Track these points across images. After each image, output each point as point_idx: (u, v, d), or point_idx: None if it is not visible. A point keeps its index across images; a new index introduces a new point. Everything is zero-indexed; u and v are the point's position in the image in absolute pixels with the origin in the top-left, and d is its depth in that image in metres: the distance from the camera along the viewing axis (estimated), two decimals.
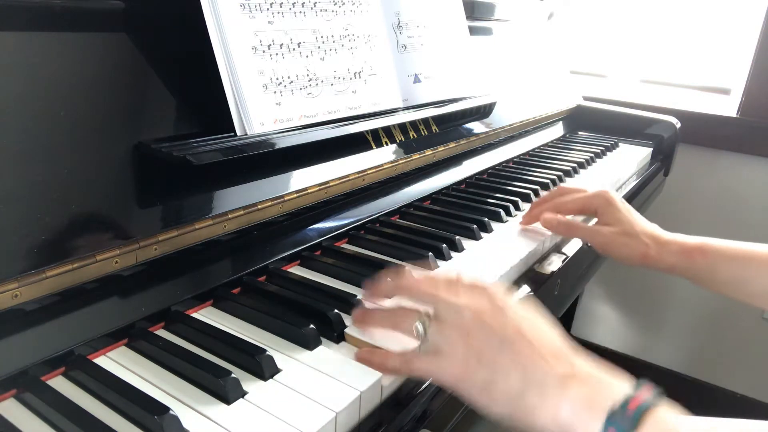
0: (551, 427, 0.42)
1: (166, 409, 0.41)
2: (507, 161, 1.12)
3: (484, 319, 0.45)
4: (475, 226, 0.77)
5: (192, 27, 0.59)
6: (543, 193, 0.96)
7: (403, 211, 0.83)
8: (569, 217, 0.80)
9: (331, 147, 0.71)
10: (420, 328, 0.47)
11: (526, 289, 0.69)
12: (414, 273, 0.52)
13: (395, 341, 0.50)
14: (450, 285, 0.49)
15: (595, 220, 0.78)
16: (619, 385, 0.42)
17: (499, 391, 0.43)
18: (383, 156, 0.81)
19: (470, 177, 1.00)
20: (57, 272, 0.46)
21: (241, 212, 0.61)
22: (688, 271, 0.70)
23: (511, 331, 0.45)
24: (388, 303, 0.53)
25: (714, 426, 0.39)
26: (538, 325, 0.46)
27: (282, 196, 0.65)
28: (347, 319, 0.55)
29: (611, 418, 0.39)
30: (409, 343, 0.50)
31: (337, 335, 0.53)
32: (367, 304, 0.54)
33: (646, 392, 0.41)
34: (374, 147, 0.80)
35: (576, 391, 0.41)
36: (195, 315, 0.56)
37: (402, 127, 0.85)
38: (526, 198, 0.92)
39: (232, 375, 0.45)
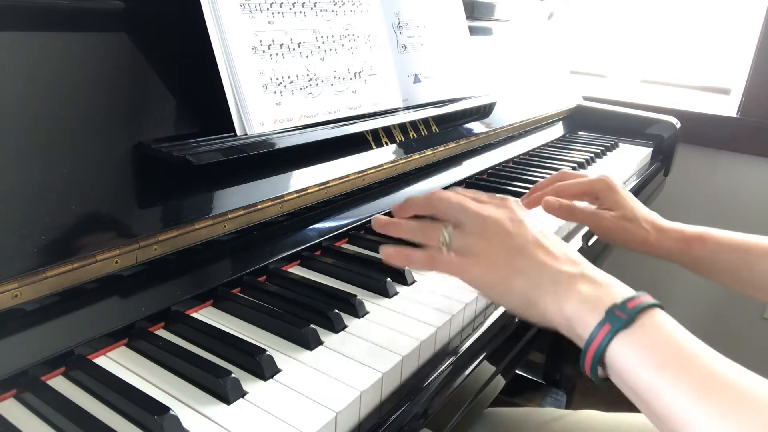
0: (558, 320, 0.46)
1: (166, 409, 0.41)
2: (507, 161, 1.12)
3: (506, 227, 0.50)
4: None
5: (192, 27, 0.59)
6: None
7: None
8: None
9: (331, 147, 0.71)
10: (447, 235, 0.51)
11: None
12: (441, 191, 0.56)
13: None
14: (476, 197, 0.54)
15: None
16: (623, 289, 0.45)
17: (516, 285, 0.48)
18: (383, 156, 0.81)
19: (470, 177, 1.00)
20: (57, 272, 0.46)
21: (241, 212, 0.61)
22: (686, 259, 0.70)
23: (530, 239, 0.50)
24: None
25: (702, 349, 0.41)
26: (551, 235, 0.51)
27: (282, 196, 0.65)
28: (347, 319, 0.55)
29: (609, 314, 0.42)
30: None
31: (338, 334, 0.53)
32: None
33: (648, 297, 0.43)
34: (374, 147, 0.80)
35: (583, 288, 0.45)
36: (195, 315, 0.56)
37: (402, 127, 0.85)
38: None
39: (232, 375, 0.45)
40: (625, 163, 1.21)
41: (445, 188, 0.92)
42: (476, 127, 1.03)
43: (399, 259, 0.54)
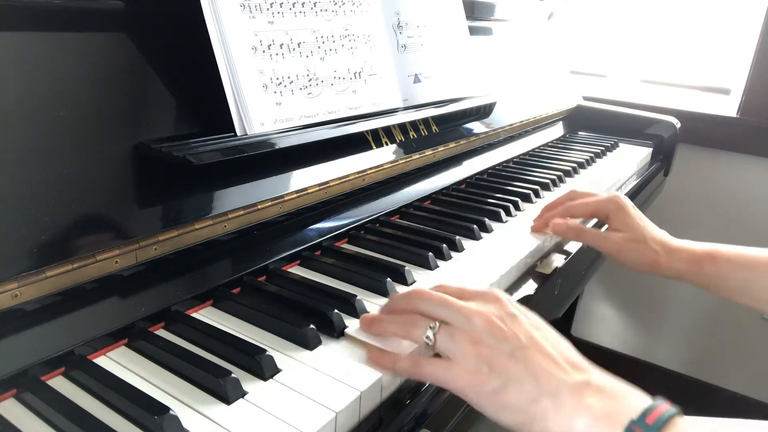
0: None
1: (166, 409, 0.41)
2: (507, 161, 1.12)
3: (496, 325, 0.45)
4: (475, 226, 0.77)
5: (192, 27, 0.59)
6: (543, 193, 0.96)
7: (403, 211, 0.83)
8: (579, 221, 0.79)
9: (331, 147, 0.71)
10: (431, 335, 0.46)
11: (526, 288, 0.69)
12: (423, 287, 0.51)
13: (395, 344, 0.50)
14: (460, 293, 0.49)
15: (605, 226, 0.78)
16: (637, 397, 0.41)
17: (511, 398, 0.42)
18: (383, 156, 0.81)
19: (470, 177, 1.00)
20: (57, 272, 0.46)
21: (241, 212, 0.61)
22: (697, 279, 0.69)
23: (523, 339, 0.44)
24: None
25: (729, 426, 0.38)
26: (549, 333, 0.46)
27: (282, 196, 0.65)
28: (347, 319, 0.55)
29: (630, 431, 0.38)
30: (409, 346, 0.50)
31: (338, 335, 0.53)
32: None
33: (665, 405, 0.40)
34: (374, 147, 0.80)
35: (592, 401, 0.40)
36: (195, 315, 0.56)
37: (402, 127, 0.85)
38: (526, 198, 0.92)
39: (232, 375, 0.45)
40: (625, 163, 1.21)
41: (445, 188, 0.93)
42: (476, 127, 1.03)
43: (384, 363, 0.48)
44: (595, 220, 0.87)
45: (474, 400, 0.44)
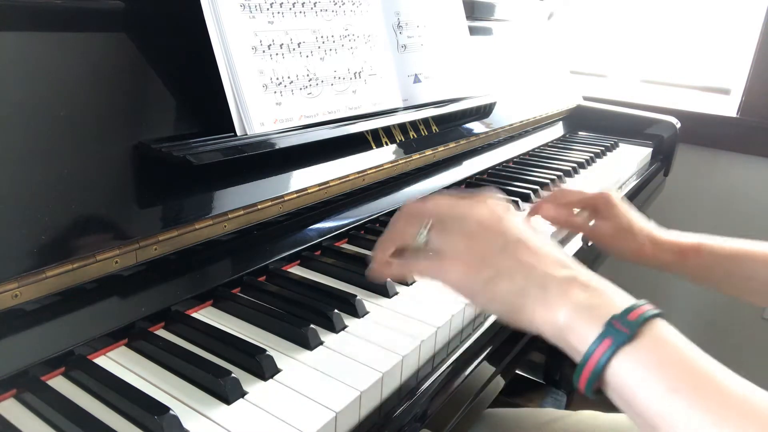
0: (548, 328, 0.42)
1: (166, 409, 0.41)
2: (507, 161, 1.12)
3: (487, 224, 0.46)
4: None
5: (192, 27, 0.59)
6: (543, 193, 0.96)
7: None
8: None
9: (331, 147, 0.71)
10: (424, 233, 0.47)
11: None
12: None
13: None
14: (452, 200, 0.50)
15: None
16: (621, 296, 0.42)
17: (501, 288, 0.43)
18: (383, 156, 0.81)
19: (470, 177, 1.00)
20: (57, 272, 0.46)
21: (241, 212, 0.61)
22: (682, 270, 0.70)
23: (513, 237, 0.45)
24: None
25: (711, 365, 0.38)
26: (539, 235, 0.47)
27: (282, 196, 0.65)
28: (347, 319, 0.55)
29: (610, 325, 0.39)
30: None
31: (338, 334, 0.53)
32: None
33: (649, 305, 0.40)
34: (374, 147, 0.80)
35: (577, 295, 0.41)
36: (195, 315, 0.56)
37: (402, 127, 0.85)
38: (526, 198, 0.92)
39: (232, 375, 0.45)
40: (625, 163, 1.21)
41: (446, 188, 0.93)
42: (476, 127, 1.03)
43: (377, 272, 0.50)
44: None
45: (466, 291, 0.45)
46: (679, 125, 1.36)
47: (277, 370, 0.48)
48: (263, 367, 0.47)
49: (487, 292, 0.44)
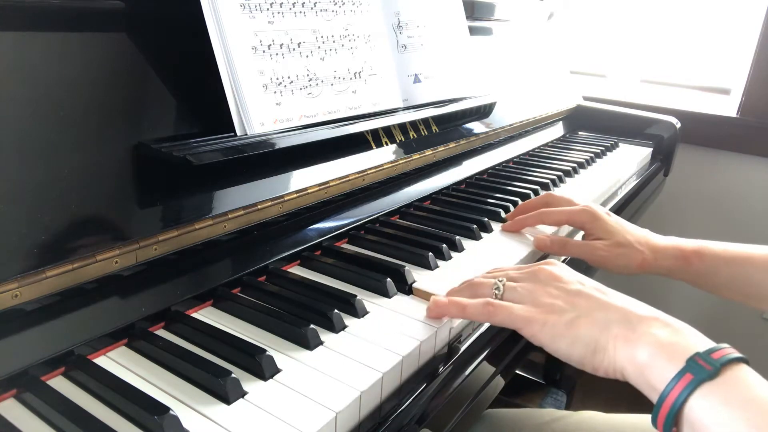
0: (629, 367, 0.41)
1: (166, 409, 0.41)
2: (507, 161, 1.12)
3: (558, 275, 0.48)
4: (475, 226, 0.77)
5: (192, 27, 0.59)
6: (543, 194, 0.96)
7: (403, 211, 0.83)
8: (564, 234, 0.80)
9: (331, 147, 0.71)
10: (501, 286, 0.49)
11: None
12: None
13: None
14: (516, 269, 0.53)
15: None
16: (703, 338, 0.42)
17: (584, 328, 0.44)
18: (383, 156, 0.81)
19: (470, 177, 1.00)
20: (57, 272, 0.46)
21: (241, 212, 0.61)
22: (685, 275, 0.70)
23: (587, 284, 0.47)
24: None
25: None
26: (604, 286, 0.49)
27: (282, 196, 0.65)
28: (347, 319, 0.55)
29: (692, 361, 0.38)
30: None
31: (337, 335, 0.53)
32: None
33: (732, 349, 0.40)
34: (374, 147, 0.80)
35: (659, 332, 0.41)
36: (195, 315, 0.56)
37: (402, 127, 0.85)
38: (526, 198, 0.92)
39: (232, 375, 0.45)
40: (625, 163, 1.21)
41: (445, 188, 0.93)
42: (476, 127, 1.03)
43: (452, 309, 0.50)
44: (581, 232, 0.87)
45: (547, 336, 0.46)
46: (679, 125, 1.36)
47: (277, 370, 0.48)
48: (263, 367, 0.47)
49: (570, 333, 0.44)
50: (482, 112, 1.05)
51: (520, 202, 0.89)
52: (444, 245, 0.71)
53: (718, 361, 0.38)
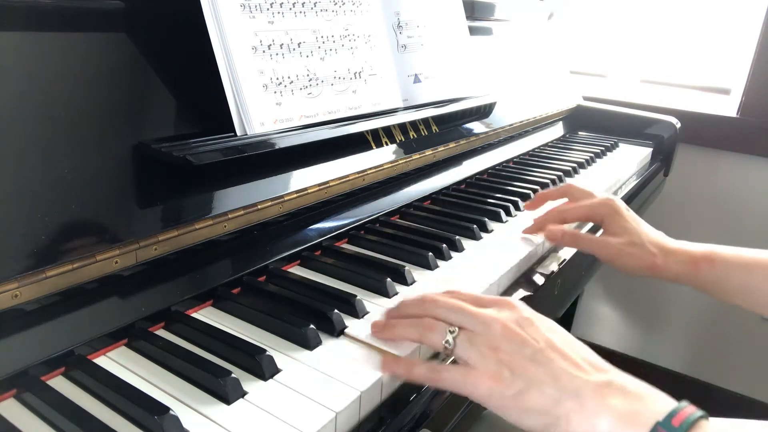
0: None
1: (166, 409, 0.41)
2: (507, 161, 1.12)
3: (514, 330, 0.45)
4: (475, 226, 0.77)
5: (192, 27, 0.59)
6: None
7: (403, 211, 0.83)
8: (573, 227, 0.78)
9: (331, 147, 0.71)
10: (451, 339, 0.46)
11: (526, 288, 0.69)
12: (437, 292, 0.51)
13: (396, 345, 0.50)
14: (474, 300, 0.49)
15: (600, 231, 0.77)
16: (661, 399, 0.41)
17: (534, 401, 0.42)
18: (383, 156, 0.81)
19: (470, 177, 1.00)
20: (57, 272, 0.46)
21: (241, 212, 0.61)
22: (695, 281, 0.68)
23: (541, 342, 0.44)
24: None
25: (752, 428, 0.38)
26: (566, 336, 0.46)
27: (282, 196, 0.65)
28: (347, 319, 0.55)
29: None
30: (409, 346, 0.50)
31: (337, 335, 0.53)
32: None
33: (691, 408, 0.39)
34: (374, 147, 0.80)
35: (615, 401, 0.40)
36: (195, 315, 0.56)
37: (402, 127, 0.85)
38: (526, 198, 0.92)
39: (232, 375, 0.45)
40: (625, 163, 1.21)
41: (445, 188, 0.93)
42: (476, 127, 1.03)
43: (401, 369, 0.48)
44: (590, 225, 0.87)
45: (496, 405, 0.44)
46: (679, 125, 1.36)
47: (277, 370, 0.48)
48: (263, 367, 0.47)
49: (519, 405, 0.42)
50: (482, 112, 1.05)
51: (520, 202, 0.89)
52: (444, 245, 0.71)
53: (680, 428, 0.37)
